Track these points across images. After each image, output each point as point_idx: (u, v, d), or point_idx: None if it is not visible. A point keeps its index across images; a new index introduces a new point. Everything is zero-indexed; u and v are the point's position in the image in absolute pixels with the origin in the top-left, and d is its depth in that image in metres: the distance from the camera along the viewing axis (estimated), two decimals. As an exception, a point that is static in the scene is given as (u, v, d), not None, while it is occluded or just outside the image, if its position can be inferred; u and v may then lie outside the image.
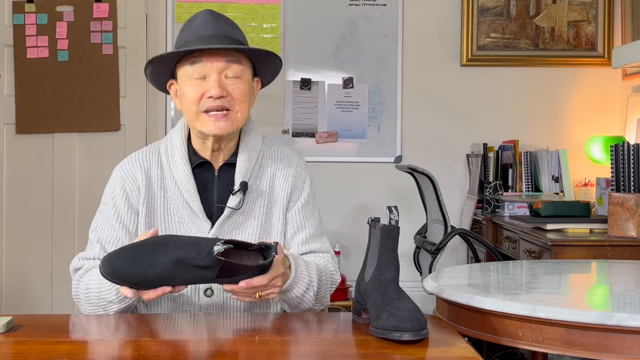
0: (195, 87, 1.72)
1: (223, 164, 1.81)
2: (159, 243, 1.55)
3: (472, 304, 1.63)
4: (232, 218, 1.77)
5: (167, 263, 1.51)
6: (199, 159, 1.81)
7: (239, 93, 1.73)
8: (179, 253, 1.51)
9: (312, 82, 4.12)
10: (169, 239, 1.56)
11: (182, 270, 1.51)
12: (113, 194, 1.81)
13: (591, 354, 1.49)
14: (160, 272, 1.52)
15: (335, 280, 1.83)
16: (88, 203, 4.00)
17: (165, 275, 1.52)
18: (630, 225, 2.70)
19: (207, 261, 1.49)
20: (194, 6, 4.09)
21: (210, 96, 1.70)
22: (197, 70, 1.71)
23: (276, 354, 1.36)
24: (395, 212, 1.49)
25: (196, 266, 1.50)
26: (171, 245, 1.53)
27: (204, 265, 1.50)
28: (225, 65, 1.72)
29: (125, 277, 1.53)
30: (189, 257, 1.50)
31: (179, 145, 1.81)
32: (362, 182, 4.15)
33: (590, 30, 4.11)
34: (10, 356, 1.31)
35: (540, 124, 4.15)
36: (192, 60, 1.72)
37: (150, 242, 1.55)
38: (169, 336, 1.50)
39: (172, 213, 1.78)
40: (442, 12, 4.15)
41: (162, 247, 1.53)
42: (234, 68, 1.73)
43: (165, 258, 1.51)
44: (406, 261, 3.61)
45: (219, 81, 1.70)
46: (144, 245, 1.55)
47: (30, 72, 4.10)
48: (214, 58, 1.71)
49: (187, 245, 1.52)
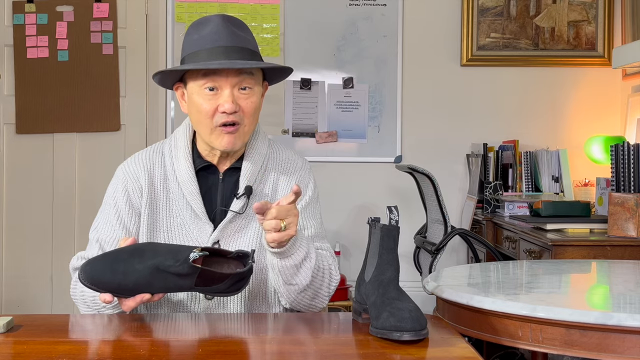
0: (209, 100, 1.70)
1: (228, 168, 1.81)
2: (136, 250, 1.55)
3: (472, 304, 1.63)
4: (234, 222, 1.77)
5: (144, 270, 1.51)
6: (203, 162, 1.80)
7: (250, 107, 1.73)
8: (155, 260, 1.51)
9: (312, 82, 4.12)
10: (146, 246, 1.57)
11: (160, 277, 1.51)
12: (115, 194, 1.81)
13: (591, 354, 1.49)
14: (136, 279, 1.52)
15: (334, 276, 1.79)
16: (88, 203, 4.00)
17: (142, 283, 1.52)
18: (630, 225, 2.70)
19: (184, 269, 1.50)
20: (194, 6, 4.09)
21: (224, 111, 1.70)
22: (209, 82, 1.70)
23: (276, 354, 1.36)
24: (395, 212, 1.49)
25: (173, 274, 1.51)
26: (148, 252, 1.53)
27: (180, 272, 1.50)
28: (239, 79, 1.71)
29: (102, 284, 1.53)
30: (166, 264, 1.50)
31: (184, 147, 1.80)
32: (362, 182, 4.15)
33: (590, 30, 4.11)
34: (10, 356, 1.31)
35: (540, 124, 4.15)
36: (204, 71, 1.71)
37: (128, 250, 1.55)
38: (169, 336, 1.50)
39: (175, 214, 1.78)
40: (442, 12, 4.15)
41: (139, 255, 1.53)
42: (247, 81, 1.72)
43: (141, 265, 1.51)
44: (406, 261, 3.61)
45: (232, 96, 1.70)
46: (120, 252, 1.55)
47: (30, 72, 4.10)
48: (228, 71, 1.70)
49: (164, 252, 1.53)
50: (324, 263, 1.76)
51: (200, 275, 1.52)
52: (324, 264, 1.76)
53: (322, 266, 1.75)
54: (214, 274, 1.53)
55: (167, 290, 1.56)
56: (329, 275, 1.77)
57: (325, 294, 1.77)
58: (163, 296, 1.59)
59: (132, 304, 1.55)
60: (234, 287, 1.57)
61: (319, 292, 1.75)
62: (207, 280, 1.53)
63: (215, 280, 1.54)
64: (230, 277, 1.54)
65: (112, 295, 1.54)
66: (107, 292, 1.54)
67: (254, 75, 1.74)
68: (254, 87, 1.74)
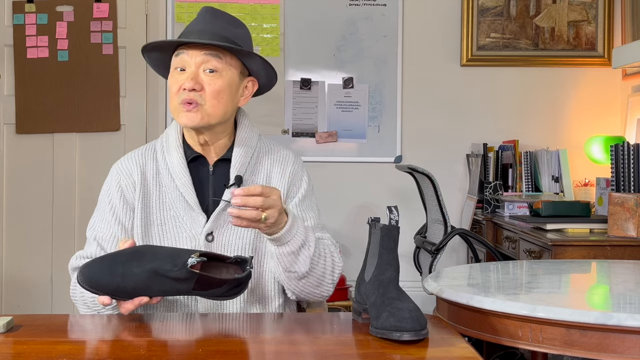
0: (176, 79, 1.75)
1: (218, 159, 1.82)
2: (135, 253, 1.55)
3: (472, 304, 1.63)
4: (227, 212, 1.77)
5: (142, 274, 1.51)
6: (193, 152, 1.82)
7: (212, 88, 1.73)
8: (153, 264, 1.51)
9: (312, 82, 4.12)
10: (146, 249, 1.57)
11: (158, 281, 1.52)
12: (109, 191, 1.83)
13: (591, 354, 1.49)
14: (135, 282, 1.52)
15: (337, 263, 1.78)
16: (88, 203, 4.00)
17: (141, 286, 1.52)
18: (630, 225, 2.70)
19: (182, 274, 1.50)
20: (194, 6, 4.09)
21: (184, 88, 1.72)
22: (178, 62, 1.75)
23: (276, 354, 1.36)
24: (395, 212, 1.49)
25: (171, 278, 1.51)
26: (147, 255, 1.53)
27: (178, 277, 1.50)
28: (204, 58, 1.73)
29: (101, 287, 1.54)
30: (165, 269, 1.51)
31: (175, 139, 1.82)
32: (362, 182, 4.15)
33: (590, 30, 4.11)
34: (10, 356, 1.31)
35: (540, 124, 4.15)
36: (176, 52, 1.76)
37: (127, 252, 1.55)
38: (168, 336, 1.50)
39: (168, 207, 1.78)
40: (442, 12, 4.15)
41: (138, 258, 1.53)
42: (212, 62, 1.73)
43: (139, 269, 1.52)
44: (406, 261, 3.61)
45: (194, 74, 1.73)
46: (119, 255, 1.55)
47: (30, 72, 4.10)
48: (193, 51, 1.73)
49: (163, 256, 1.53)
50: (326, 250, 1.76)
51: (199, 280, 1.52)
52: (325, 251, 1.76)
53: (323, 253, 1.75)
54: (213, 279, 1.53)
55: (165, 294, 1.57)
56: (331, 261, 1.77)
57: (330, 282, 1.77)
58: (162, 299, 1.59)
59: (130, 307, 1.55)
60: (232, 292, 1.57)
61: (323, 279, 1.75)
62: (205, 285, 1.53)
63: (213, 285, 1.54)
64: (228, 283, 1.55)
65: (111, 297, 1.55)
66: (106, 295, 1.54)
67: (222, 60, 1.74)
68: (222, 72, 1.74)
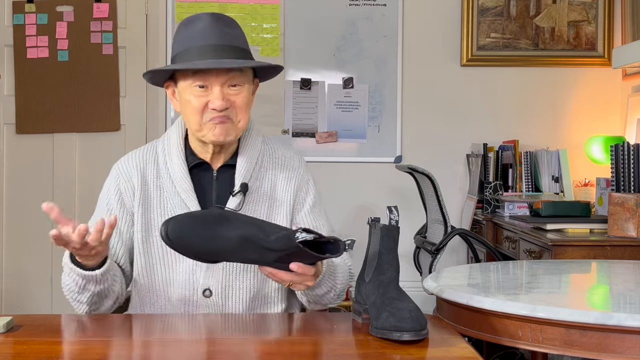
0: (199, 97, 1.71)
1: (222, 165, 1.81)
2: (221, 217, 1.53)
3: (472, 304, 1.63)
4: None
5: (234, 238, 1.49)
6: (196, 159, 1.81)
7: (241, 102, 1.73)
8: (245, 230, 1.49)
9: (312, 82, 4.12)
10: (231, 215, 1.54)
11: (248, 248, 1.49)
12: (108, 192, 1.83)
13: (591, 354, 1.49)
14: (223, 245, 1.50)
15: (351, 272, 1.85)
16: (88, 203, 3.99)
17: (229, 250, 1.50)
18: (630, 225, 2.70)
19: (280, 244, 1.47)
20: (194, 6, 4.09)
21: (214, 108, 1.70)
22: (199, 80, 1.71)
23: (276, 354, 1.36)
24: (395, 212, 1.49)
25: (264, 247, 1.48)
26: (234, 221, 1.51)
27: (272, 247, 1.48)
28: (228, 77, 1.71)
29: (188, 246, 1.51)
30: (258, 236, 1.48)
31: (176, 145, 1.81)
32: (362, 182, 4.15)
33: (590, 30, 4.11)
34: (10, 356, 1.31)
35: (540, 124, 4.15)
36: (194, 70, 1.71)
37: (213, 214, 1.53)
38: (169, 336, 1.50)
39: (169, 212, 1.77)
40: (442, 12, 4.15)
41: (226, 222, 1.51)
42: (236, 78, 1.73)
43: (231, 233, 1.49)
44: (406, 261, 3.61)
45: (222, 93, 1.70)
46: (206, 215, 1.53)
47: (30, 72, 4.10)
48: (217, 70, 1.70)
49: (248, 224, 1.51)
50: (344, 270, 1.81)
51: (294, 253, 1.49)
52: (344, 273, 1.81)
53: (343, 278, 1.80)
54: (309, 255, 1.49)
55: (246, 261, 1.55)
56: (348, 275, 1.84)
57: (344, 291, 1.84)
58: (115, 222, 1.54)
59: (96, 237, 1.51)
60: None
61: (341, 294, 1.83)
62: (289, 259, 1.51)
63: (298, 260, 1.52)
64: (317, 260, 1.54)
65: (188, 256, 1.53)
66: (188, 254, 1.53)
67: (244, 73, 1.74)
68: (244, 84, 1.75)
